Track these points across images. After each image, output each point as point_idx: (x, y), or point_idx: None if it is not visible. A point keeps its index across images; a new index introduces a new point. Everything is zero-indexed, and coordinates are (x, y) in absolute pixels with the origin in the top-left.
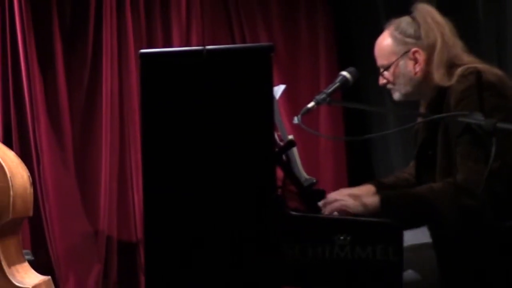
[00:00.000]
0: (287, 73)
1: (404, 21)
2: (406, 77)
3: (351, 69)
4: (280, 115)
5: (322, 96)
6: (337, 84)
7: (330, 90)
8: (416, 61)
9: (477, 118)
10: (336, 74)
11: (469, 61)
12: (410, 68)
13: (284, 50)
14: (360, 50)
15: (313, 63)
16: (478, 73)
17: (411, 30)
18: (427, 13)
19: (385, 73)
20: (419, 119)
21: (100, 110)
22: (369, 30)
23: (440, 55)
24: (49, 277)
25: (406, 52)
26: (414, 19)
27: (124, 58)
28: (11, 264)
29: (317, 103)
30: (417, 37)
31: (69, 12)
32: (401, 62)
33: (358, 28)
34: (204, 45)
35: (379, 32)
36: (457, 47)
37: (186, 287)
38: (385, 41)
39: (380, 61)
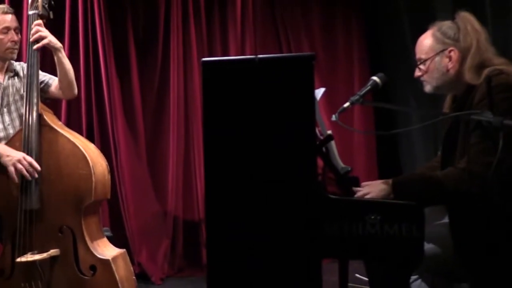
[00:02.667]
0: (326, 78)
1: (446, 24)
2: (439, 72)
3: (381, 74)
4: (320, 113)
5: (356, 97)
6: (369, 87)
7: (362, 92)
8: (450, 59)
9: (487, 116)
10: (367, 78)
11: (499, 63)
12: (444, 64)
13: (323, 59)
14: (388, 58)
15: (348, 70)
16: (500, 75)
17: (451, 33)
18: (468, 20)
19: (421, 66)
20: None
21: (168, 109)
22: (396, 41)
23: (473, 57)
24: (125, 250)
25: (443, 50)
26: (455, 23)
27: (189, 65)
28: (93, 239)
29: (352, 103)
30: (455, 39)
31: (142, 26)
32: (437, 58)
33: (386, 40)
34: (256, 54)
35: (404, 43)
36: (489, 51)
37: (240, 257)
38: (427, 39)
39: (419, 55)
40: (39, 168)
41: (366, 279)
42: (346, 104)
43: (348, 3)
